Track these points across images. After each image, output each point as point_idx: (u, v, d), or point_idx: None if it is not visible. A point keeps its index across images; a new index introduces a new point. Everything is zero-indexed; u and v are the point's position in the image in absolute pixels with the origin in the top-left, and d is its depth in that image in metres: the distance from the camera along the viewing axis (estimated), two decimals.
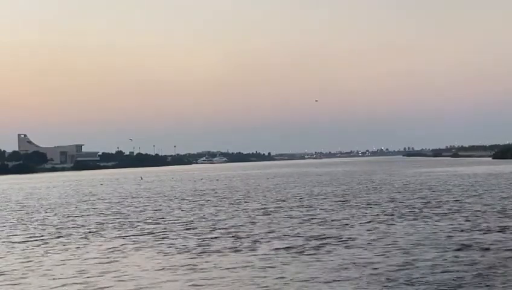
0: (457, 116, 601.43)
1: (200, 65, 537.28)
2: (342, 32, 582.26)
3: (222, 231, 25.95)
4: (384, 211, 31.83)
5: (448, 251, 19.01)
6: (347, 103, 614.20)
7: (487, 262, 17.02)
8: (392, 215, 29.92)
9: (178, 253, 20.46)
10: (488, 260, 17.36)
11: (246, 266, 17.63)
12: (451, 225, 25.29)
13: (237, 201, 43.45)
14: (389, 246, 20.28)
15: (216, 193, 55.39)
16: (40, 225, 31.79)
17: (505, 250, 18.79)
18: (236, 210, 35.92)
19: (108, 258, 19.99)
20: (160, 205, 42.19)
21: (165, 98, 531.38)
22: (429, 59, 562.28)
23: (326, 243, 21.27)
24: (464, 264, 16.80)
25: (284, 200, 42.25)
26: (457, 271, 15.98)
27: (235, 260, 18.79)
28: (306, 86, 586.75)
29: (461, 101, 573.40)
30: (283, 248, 20.53)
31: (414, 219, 27.72)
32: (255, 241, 22.32)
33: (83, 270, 18.04)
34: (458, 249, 19.21)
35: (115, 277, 16.96)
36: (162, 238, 24.37)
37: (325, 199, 42.66)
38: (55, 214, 38.04)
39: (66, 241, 24.66)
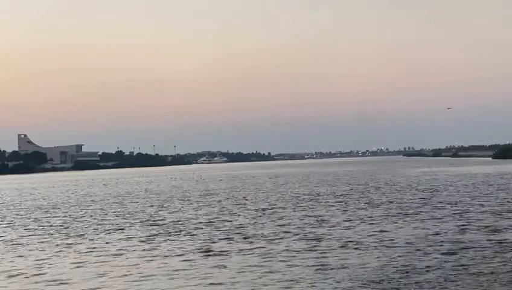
0: (457, 116, 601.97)
1: (200, 65, 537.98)
2: (342, 32, 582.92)
3: (229, 231, 25.77)
4: (388, 212, 31.66)
5: (447, 252, 18.83)
6: (347, 103, 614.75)
7: (488, 263, 16.90)
8: (397, 216, 29.73)
9: (184, 254, 20.28)
10: (489, 261, 17.22)
11: (248, 267, 17.47)
12: (454, 225, 25.12)
13: (242, 201, 43.28)
14: (391, 247, 20.12)
15: (219, 193, 55.24)
16: (49, 226, 31.60)
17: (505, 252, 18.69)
18: (242, 210, 35.75)
19: (115, 259, 19.84)
20: (163, 205, 42.02)
21: (164, 98, 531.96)
22: (429, 59, 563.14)
23: (329, 244, 21.11)
24: (463, 266, 16.65)
25: (289, 201, 42.09)
26: (455, 273, 15.82)
27: (240, 261, 18.63)
28: (306, 86, 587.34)
29: (461, 101, 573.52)
30: (292, 250, 20.37)
31: (417, 220, 27.54)
32: (259, 243, 22.11)
33: (92, 271, 17.90)
34: (457, 251, 19.01)
35: (125, 278, 16.81)
36: (169, 239, 24.20)
37: (328, 199, 42.49)
38: (61, 215, 37.90)
39: (72, 241, 24.50)
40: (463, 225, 25.09)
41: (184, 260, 19.13)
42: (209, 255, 19.93)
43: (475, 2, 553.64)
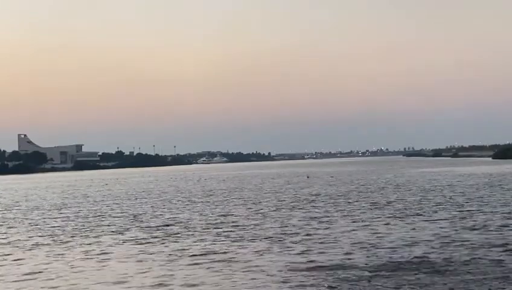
0: (457, 116, 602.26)
1: (200, 65, 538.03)
2: (342, 32, 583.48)
3: (233, 232, 25.58)
4: (392, 212, 31.42)
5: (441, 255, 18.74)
6: (347, 103, 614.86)
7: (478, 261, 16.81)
8: (399, 217, 29.56)
9: (190, 256, 20.12)
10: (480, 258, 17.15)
11: (254, 269, 17.35)
12: (455, 225, 24.99)
13: (245, 202, 43.11)
14: (395, 247, 20.00)
15: (221, 193, 55.08)
16: (50, 227, 31.43)
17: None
18: (245, 211, 35.56)
19: (118, 262, 19.68)
20: (164, 206, 41.87)
21: (165, 98, 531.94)
22: (429, 59, 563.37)
23: (334, 245, 20.99)
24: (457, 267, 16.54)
25: (291, 201, 41.89)
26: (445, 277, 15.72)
27: (246, 263, 18.50)
28: (306, 86, 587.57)
29: (461, 101, 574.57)
30: (298, 251, 20.25)
31: (422, 220, 27.38)
32: (265, 244, 21.92)
33: (101, 275, 17.78)
34: (450, 253, 18.87)
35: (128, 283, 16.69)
36: (173, 241, 24.04)
37: (331, 199, 42.29)
38: (62, 216, 37.73)
39: (75, 244, 24.34)
40: (469, 226, 24.94)
41: (189, 264, 18.98)
42: (214, 257, 19.73)
43: (475, 2, 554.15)
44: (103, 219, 33.78)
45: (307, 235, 23.90)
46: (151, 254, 20.80)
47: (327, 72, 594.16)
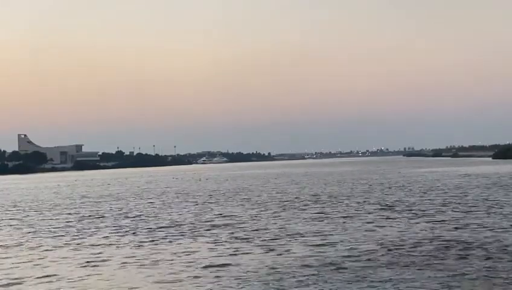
0: (457, 116, 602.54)
1: (200, 65, 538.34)
2: (341, 32, 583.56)
3: (242, 232, 25.61)
4: (396, 213, 31.44)
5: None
6: (347, 103, 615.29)
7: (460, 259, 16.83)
8: (405, 216, 29.51)
9: (193, 261, 20.16)
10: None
11: (263, 268, 17.35)
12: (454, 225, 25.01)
13: (249, 202, 43.11)
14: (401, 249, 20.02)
15: (224, 193, 55.08)
16: (52, 228, 31.42)
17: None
18: (252, 212, 35.58)
19: (122, 264, 19.69)
20: (167, 207, 41.86)
21: (165, 98, 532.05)
22: (429, 59, 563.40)
23: (339, 246, 21.03)
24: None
25: (294, 201, 41.87)
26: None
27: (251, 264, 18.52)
28: (306, 86, 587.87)
29: (461, 101, 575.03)
30: (300, 254, 20.27)
31: (423, 221, 27.41)
32: (270, 246, 21.99)
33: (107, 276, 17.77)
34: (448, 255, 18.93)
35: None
36: (177, 243, 24.07)
37: (335, 200, 42.30)
38: (63, 217, 37.72)
39: (80, 245, 24.35)
40: (467, 226, 24.95)
41: (195, 266, 18.97)
42: (219, 259, 19.67)
43: (475, 2, 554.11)
44: (105, 220, 33.73)
45: (309, 235, 23.92)
46: (156, 256, 20.73)
47: (327, 72, 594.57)
